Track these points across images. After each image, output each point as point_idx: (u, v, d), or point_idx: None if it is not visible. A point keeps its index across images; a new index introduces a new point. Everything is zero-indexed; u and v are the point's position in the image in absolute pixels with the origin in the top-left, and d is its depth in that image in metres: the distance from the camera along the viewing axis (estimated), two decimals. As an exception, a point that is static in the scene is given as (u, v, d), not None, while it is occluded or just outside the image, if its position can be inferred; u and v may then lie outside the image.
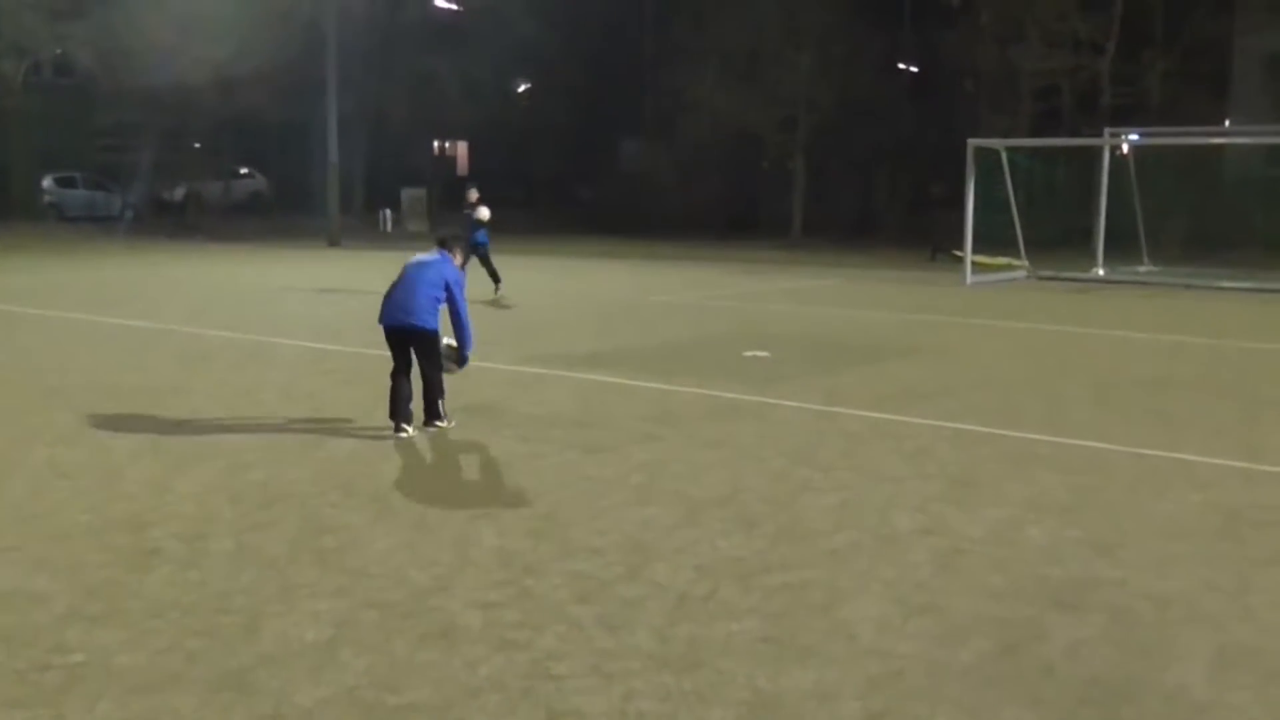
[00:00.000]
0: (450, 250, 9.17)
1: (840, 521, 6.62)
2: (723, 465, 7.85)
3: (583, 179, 47.29)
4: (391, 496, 7.03)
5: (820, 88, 36.17)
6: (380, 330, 8.99)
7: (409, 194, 41.48)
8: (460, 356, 8.98)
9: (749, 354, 12.92)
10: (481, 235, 19.18)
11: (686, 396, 10.31)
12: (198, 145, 44.20)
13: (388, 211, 40.09)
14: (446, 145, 53.40)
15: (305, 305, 17.78)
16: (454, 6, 42.58)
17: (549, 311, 17.24)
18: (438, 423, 8.74)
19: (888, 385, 11.07)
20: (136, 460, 7.81)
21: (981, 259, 23.45)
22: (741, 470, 7.73)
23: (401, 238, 37.19)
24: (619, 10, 45.17)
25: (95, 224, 38.52)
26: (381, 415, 9.06)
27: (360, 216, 40.96)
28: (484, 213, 19.03)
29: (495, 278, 19.01)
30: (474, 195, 19.59)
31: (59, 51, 36.95)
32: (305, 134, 39.56)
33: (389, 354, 8.87)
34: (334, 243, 32.87)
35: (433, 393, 8.75)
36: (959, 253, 23.49)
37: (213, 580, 5.54)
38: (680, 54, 38.51)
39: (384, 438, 8.57)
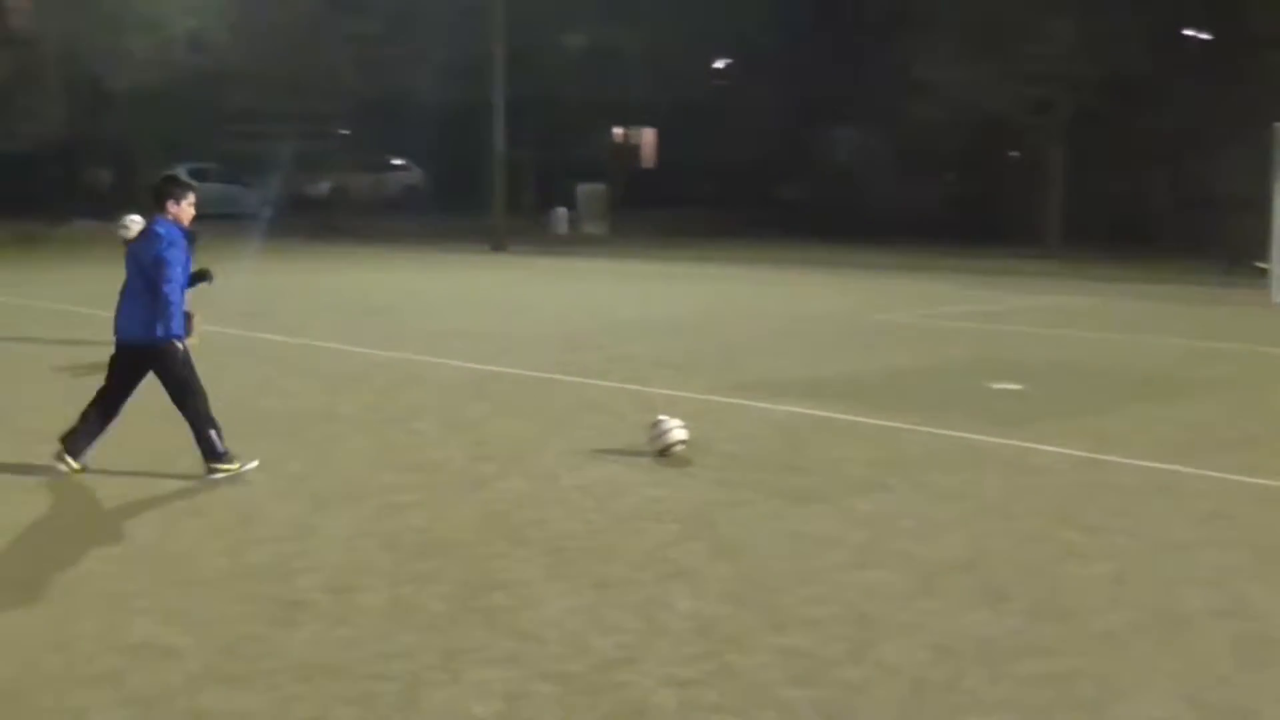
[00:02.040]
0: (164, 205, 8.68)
1: (1113, 597, 6.42)
2: (963, 523, 7.72)
3: (787, 173, 47.27)
4: (567, 548, 7.13)
5: (1082, 62, 35.32)
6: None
7: (586, 190, 42.09)
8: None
9: (995, 386, 12.68)
10: None
11: (918, 437, 10.18)
12: (345, 132, 45.79)
13: (562, 210, 40.77)
14: (630, 133, 53.99)
15: (465, 319, 18.24)
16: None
17: (748, 331, 17.26)
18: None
19: (1172, 429, 10.71)
20: (278, 498, 8.12)
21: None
22: (987, 530, 7.58)
23: (577, 241, 37.90)
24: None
25: (229, 223, 40.32)
26: (554, 449, 9.23)
27: (530, 216, 41.80)
28: None
29: None
30: None
31: (191, 25, 38.86)
32: (467, 120, 40.59)
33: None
34: (499, 247, 33.62)
35: None
36: (1263, 264, 22.64)
37: (365, 640, 5.71)
38: (907, 24, 38.15)
39: (556, 476, 8.70)
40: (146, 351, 8.65)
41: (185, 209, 8.83)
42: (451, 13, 39.54)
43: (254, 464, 8.74)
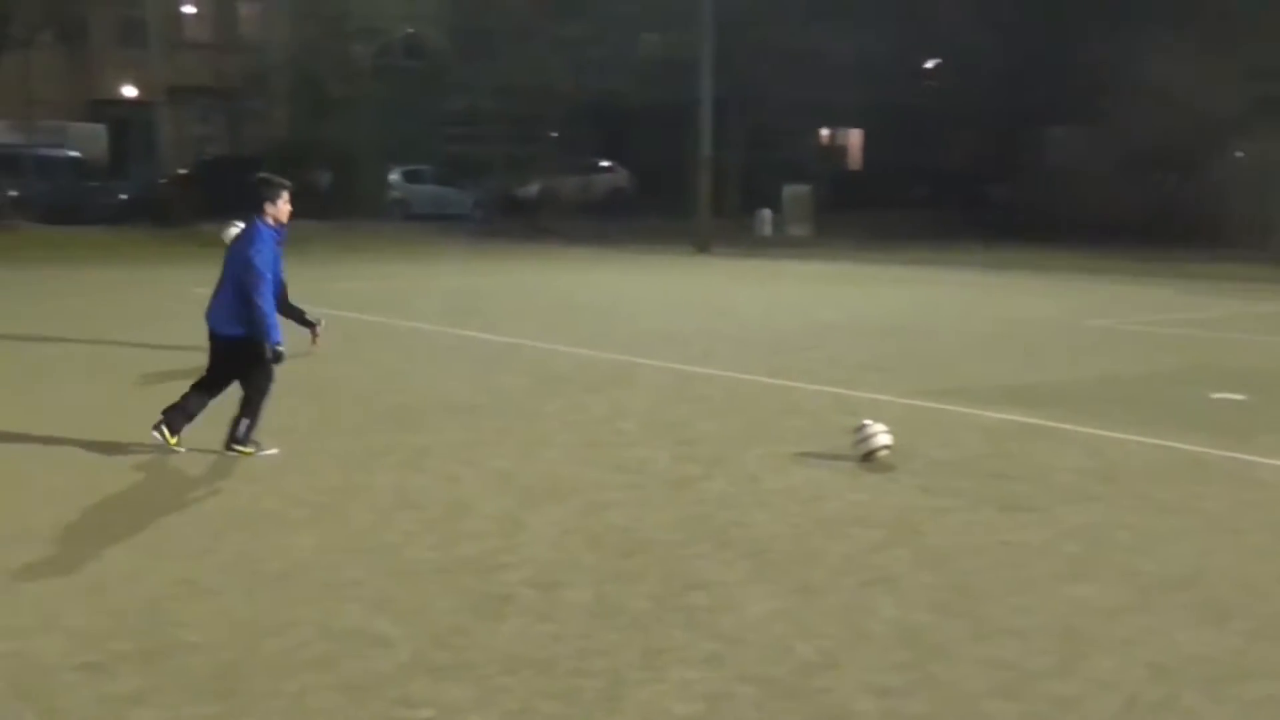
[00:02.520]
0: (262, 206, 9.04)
1: (1344, 619, 6.12)
2: (1183, 537, 7.44)
3: (997, 175, 46.34)
4: (770, 550, 7.10)
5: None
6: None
7: (791, 192, 41.94)
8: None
9: (1217, 396, 12.20)
10: None
11: (1134, 447, 9.85)
12: (554, 135, 46.54)
13: (766, 212, 40.71)
14: (836, 134, 53.62)
15: (669, 320, 18.33)
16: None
17: (956, 335, 16.96)
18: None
19: (1407, 444, 10.16)
20: (487, 493, 8.27)
21: None
22: (1209, 545, 7.30)
23: (782, 243, 37.77)
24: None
25: (442, 223, 41.31)
26: (757, 452, 9.21)
27: (734, 218, 41.84)
28: None
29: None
30: None
31: (410, 31, 39.97)
32: (673, 122, 40.83)
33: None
34: (703, 248, 33.74)
35: None
36: None
37: (569, 636, 5.77)
38: (1126, 21, 37.00)
39: (760, 478, 8.67)
40: (235, 343, 9.02)
41: (281, 207, 9.15)
42: (659, 15, 39.85)
43: (273, 450, 9.15)
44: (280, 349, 9.04)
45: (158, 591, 6.27)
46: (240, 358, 9.06)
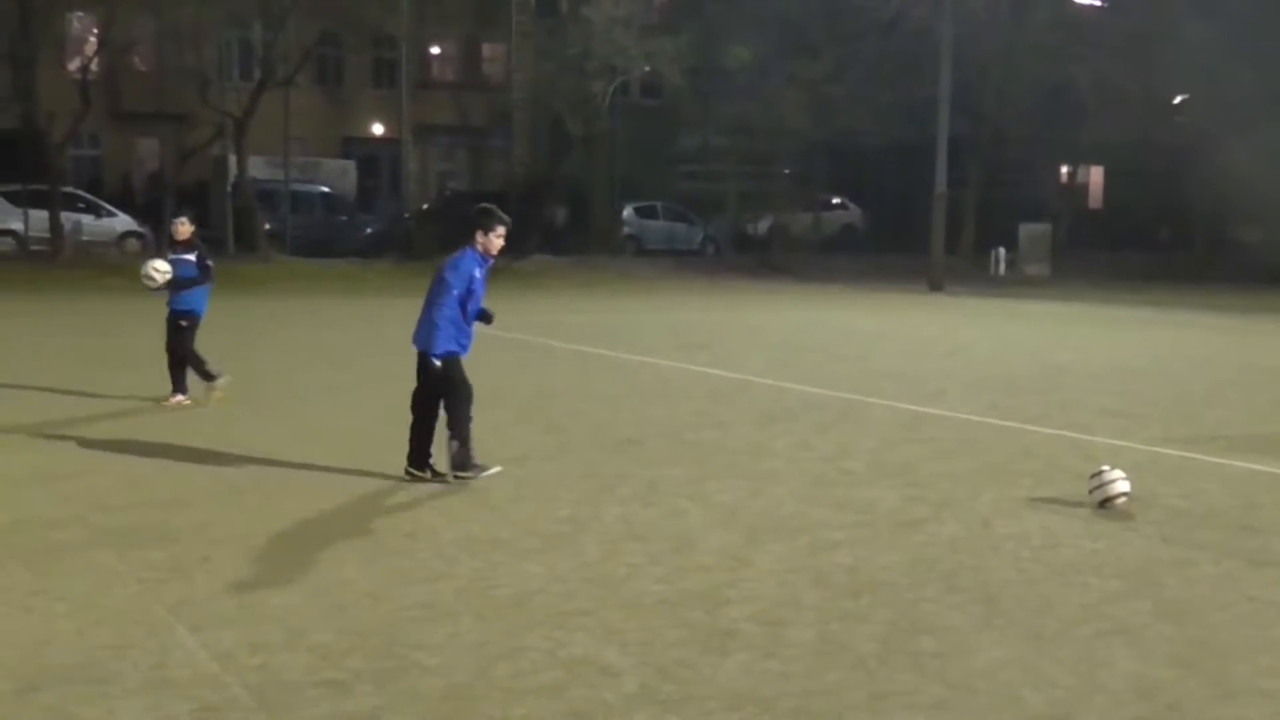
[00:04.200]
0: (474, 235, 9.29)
1: None
2: None
3: (1247, 215, 44.44)
4: (1003, 596, 6.95)
5: None
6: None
7: (1029, 230, 41.08)
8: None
9: None
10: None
11: (1394, 503, 9.34)
12: (787, 171, 46.58)
13: (1002, 251, 39.96)
14: (1077, 172, 52.29)
15: (900, 359, 18.12)
16: (1096, 2, 41.76)
17: (1200, 381, 16.33)
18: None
19: None
20: (712, 528, 8.32)
21: None
22: None
23: (1017, 282, 37.02)
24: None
25: (674, 258, 41.70)
26: (988, 495, 9.04)
27: (969, 256, 41.18)
28: None
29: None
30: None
31: (647, 69, 40.56)
32: (908, 159, 40.48)
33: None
34: (936, 286, 33.31)
35: None
36: None
37: (794, 674, 5.76)
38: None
39: (991, 523, 8.51)
40: (421, 358, 9.36)
41: (493, 240, 9.37)
42: (897, 53, 39.58)
43: (496, 469, 9.41)
44: (438, 364, 9.23)
45: (396, 613, 6.49)
46: (432, 376, 9.35)
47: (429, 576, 7.12)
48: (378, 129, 47.66)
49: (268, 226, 36.28)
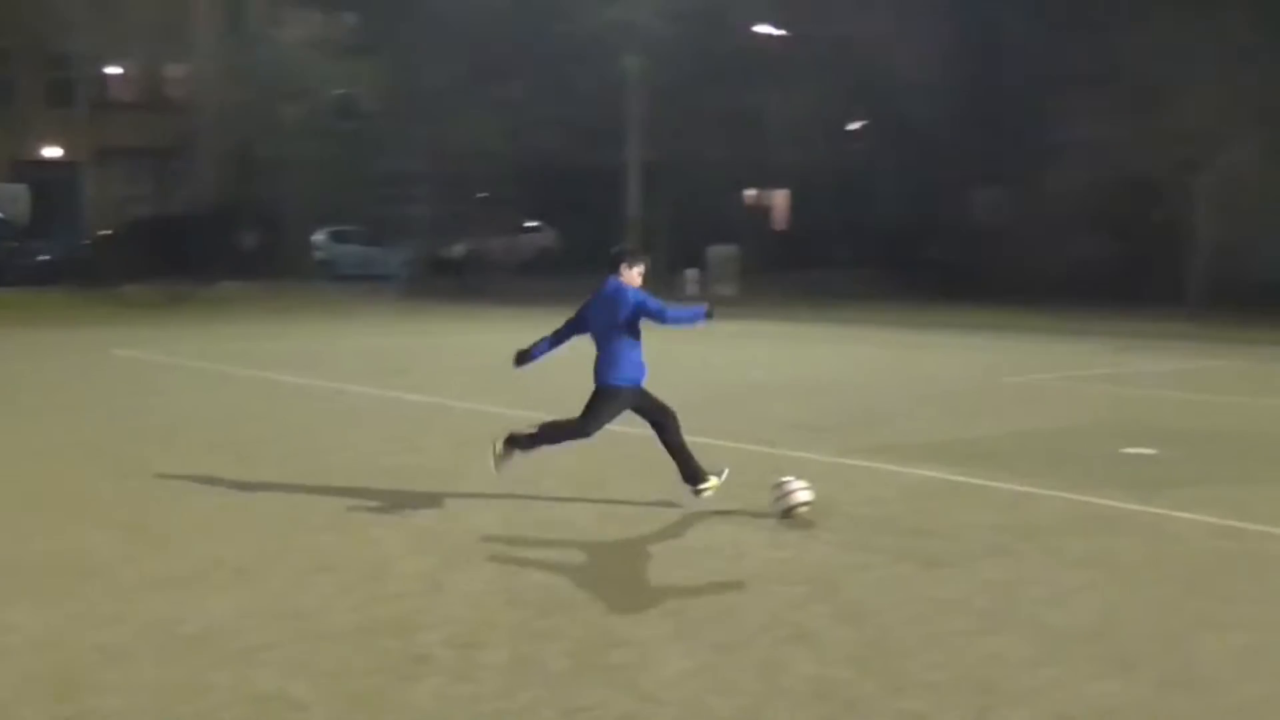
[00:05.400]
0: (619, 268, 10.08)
1: (1246, 670, 6.25)
2: (1093, 590, 7.58)
3: (924, 235, 46.92)
4: (691, 607, 7.14)
5: (1230, 119, 34.61)
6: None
7: (717, 252, 42.26)
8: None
9: (1129, 451, 12.42)
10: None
11: (1048, 502, 10.02)
12: (483, 196, 46.66)
13: (692, 272, 40.97)
14: (762, 195, 54.16)
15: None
16: (780, 32, 43.37)
17: (881, 394, 17.15)
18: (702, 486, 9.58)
19: (1314, 497, 10.39)
20: (407, 554, 8.26)
21: None
22: (1117, 597, 7.43)
23: (708, 302, 37.95)
24: (977, 30, 44.54)
25: (370, 283, 41.20)
26: (679, 510, 9.28)
27: (662, 277, 42.03)
28: None
29: None
30: None
31: (341, 92, 40.03)
32: (602, 182, 41.08)
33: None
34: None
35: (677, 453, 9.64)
36: None
37: (486, 695, 5.78)
38: (1049, 84, 37.76)
39: (681, 535, 8.73)
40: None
41: (635, 275, 10.27)
42: (590, 77, 40.19)
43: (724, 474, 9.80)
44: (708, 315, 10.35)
45: (71, 659, 6.21)
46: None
47: (106, 619, 6.84)
48: (53, 152, 45.51)
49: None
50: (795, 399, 16.36)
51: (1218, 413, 15.73)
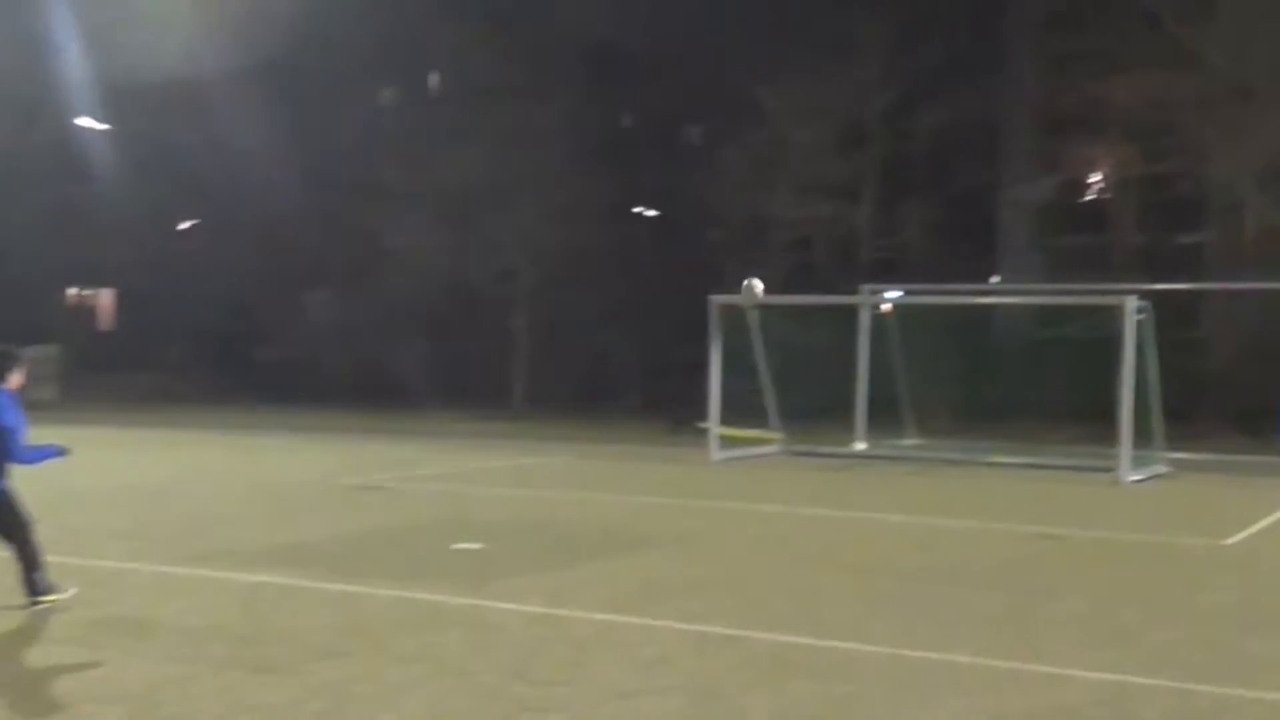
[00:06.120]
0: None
1: (560, 748, 6.66)
2: (421, 685, 7.79)
3: (261, 336, 46.62)
4: (-4, 738, 6.65)
5: (543, 235, 37.14)
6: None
7: (34, 353, 39.73)
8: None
9: (457, 547, 12.92)
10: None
11: (380, 601, 10.21)
12: None
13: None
14: (86, 294, 51.80)
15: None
16: (103, 126, 41.82)
17: (215, 499, 16.80)
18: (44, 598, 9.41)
19: (622, 582, 11.25)
20: None
21: (729, 431, 24.26)
22: (444, 690, 7.68)
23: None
24: (308, 137, 45.03)
25: None
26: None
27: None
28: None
29: None
30: None
31: None
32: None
33: None
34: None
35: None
36: (703, 424, 24.20)
37: None
38: (379, 192, 38.87)
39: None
40: None
41: (14, 379, 9.71)
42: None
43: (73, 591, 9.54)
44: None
45: None
46: None
47: None
48: None
49: None
50: (121, 507, 15.70)
51: (540, 506, 16.70)
